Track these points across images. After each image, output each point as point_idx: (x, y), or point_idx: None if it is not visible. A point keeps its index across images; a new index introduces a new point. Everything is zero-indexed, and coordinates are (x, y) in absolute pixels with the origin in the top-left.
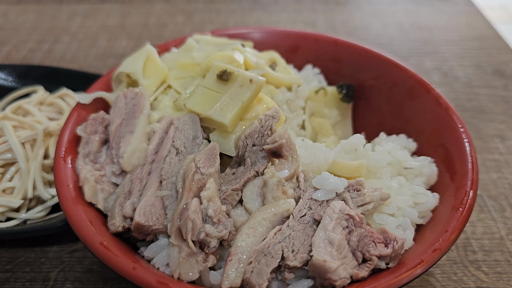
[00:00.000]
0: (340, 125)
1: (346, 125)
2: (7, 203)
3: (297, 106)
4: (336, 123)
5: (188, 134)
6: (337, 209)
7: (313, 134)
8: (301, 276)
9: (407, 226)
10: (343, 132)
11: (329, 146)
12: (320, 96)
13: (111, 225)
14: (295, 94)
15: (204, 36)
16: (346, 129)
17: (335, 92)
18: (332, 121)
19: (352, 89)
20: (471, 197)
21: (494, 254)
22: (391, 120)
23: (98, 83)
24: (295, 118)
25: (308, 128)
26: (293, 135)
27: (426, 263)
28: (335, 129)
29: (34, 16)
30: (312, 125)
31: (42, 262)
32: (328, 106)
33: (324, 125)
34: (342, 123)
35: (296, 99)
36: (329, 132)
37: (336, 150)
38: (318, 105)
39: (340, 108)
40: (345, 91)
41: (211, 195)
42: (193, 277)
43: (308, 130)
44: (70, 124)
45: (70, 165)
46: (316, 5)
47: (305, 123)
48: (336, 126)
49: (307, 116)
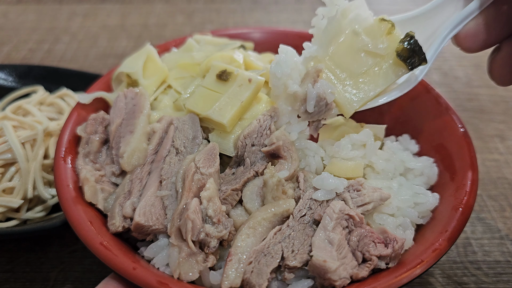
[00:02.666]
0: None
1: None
2: (7, 203)
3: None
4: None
5: (188, 134)
6: (337, 209)
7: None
8: (301, 276)
9: (407, 226)
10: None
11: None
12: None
13: (111, 225)
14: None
15: (205, 36)
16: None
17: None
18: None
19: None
20: (471, 197)
21: (494, 254)
22: (391, 120)
23: (98, 83)
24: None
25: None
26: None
27: (426, 263)
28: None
29: (34, 16)
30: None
31: (42, 262)
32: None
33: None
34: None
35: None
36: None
37: (340, 144)
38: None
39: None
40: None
41: (211, 195)
42: (193, 277)
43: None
44: (70, 124)
45: (70, 165)
46: (316, 5)
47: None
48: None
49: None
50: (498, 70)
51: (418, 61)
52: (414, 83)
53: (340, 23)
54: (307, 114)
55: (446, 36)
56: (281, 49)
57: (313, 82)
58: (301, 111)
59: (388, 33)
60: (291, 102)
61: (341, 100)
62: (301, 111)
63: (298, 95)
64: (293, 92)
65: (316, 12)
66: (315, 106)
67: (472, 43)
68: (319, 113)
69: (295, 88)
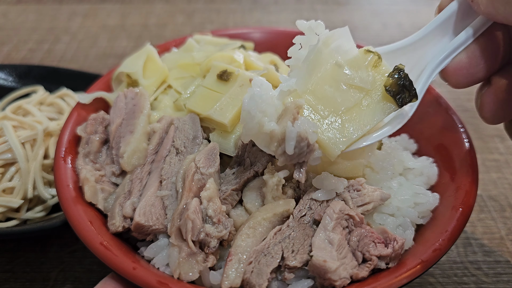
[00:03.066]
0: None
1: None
2: (7, 203)
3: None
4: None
5: (188, 134)
6: (337, 209)
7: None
8: (301, 276)
9: (407, 226)
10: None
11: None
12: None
13: (111, 225)
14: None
15: (205, 36)
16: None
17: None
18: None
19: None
20: (471, 197)
21: (494, 254)
22: None
23: (98, 83)
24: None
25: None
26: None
27: (426, 263)
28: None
29: (34, 16)
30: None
31: (42, 262)
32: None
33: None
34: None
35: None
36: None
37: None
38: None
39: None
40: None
41: (211, 195)
42: (193, 277)
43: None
44: (70, 124)
45: (70, 165)
46: (315, 5)
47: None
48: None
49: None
50: (489, 106)
51: (408, 97)
52: (406, 118)
53: (322, 54)
54: (285, 157)
55: (434, 69)
56: (255, 82)
57: (293, 119)
58: (279, 153)
59: (374, 65)
60: (266, 143)
61: (325, 141)
62: (279, 152)
63: (275, 134)
64: (270, 131)
65: (293, 40)
66: (296, 147)
67: (462, 77)
68: (300, 155)
69: (271, 127)
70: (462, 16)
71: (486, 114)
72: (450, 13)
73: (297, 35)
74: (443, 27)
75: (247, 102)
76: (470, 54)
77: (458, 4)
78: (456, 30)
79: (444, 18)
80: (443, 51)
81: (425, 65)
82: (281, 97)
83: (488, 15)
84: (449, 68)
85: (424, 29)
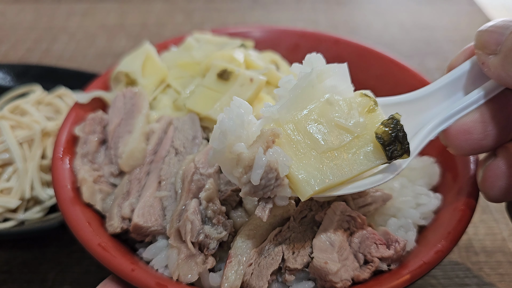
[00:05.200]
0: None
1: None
2: (5, 204)
3: None
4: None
5: (188, 134)
6: (338, 210)
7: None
8: (301, 278)
9: (409, 228)
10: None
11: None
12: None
13: (109, 226)
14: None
15: (204, 35)
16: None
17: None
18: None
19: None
20: (473, 198)
21: (496, 255)
22: None
23: (96, 82)
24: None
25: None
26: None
27: (428, 265)
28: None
29: (32, 15)
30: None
31: (40, 263)
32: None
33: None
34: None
35: None
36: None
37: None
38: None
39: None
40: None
41: (211, 196)
42: (192, 278)
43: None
44: (68, 124)
45: (68, 166)
46: (316, 4)
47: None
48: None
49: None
50: (492, 182)
51: (399, 150)
52: (399, 169)
53: (314, 86)
54: (250, 187)
55: (434, 128)
56: (234, 103)
57: (266, 147)
58: (243, 181)
59: (368, 111)
60: (231, 167)
61: (297, 177)
62: (243, 181)
63: (243, 158)
64: (238, 153)
65: (290, 69)
66: (263, 178)
67: (464, 141)
68: (266, 188)
69: (240, 149)
70: (474, 77)
71: (489, 190)
72: (461, 73)
73: (298, 33)
74: (451, 87)
75: (226, 122)
76: (478, 118)
77: (471, 65)
78: (465, 91)
79: (453, 77)
80: (447, 110)
81: (425, 123)
82: (261, 123)
83: (498, 79)
84: (451, 130)
85: (430, 87)
